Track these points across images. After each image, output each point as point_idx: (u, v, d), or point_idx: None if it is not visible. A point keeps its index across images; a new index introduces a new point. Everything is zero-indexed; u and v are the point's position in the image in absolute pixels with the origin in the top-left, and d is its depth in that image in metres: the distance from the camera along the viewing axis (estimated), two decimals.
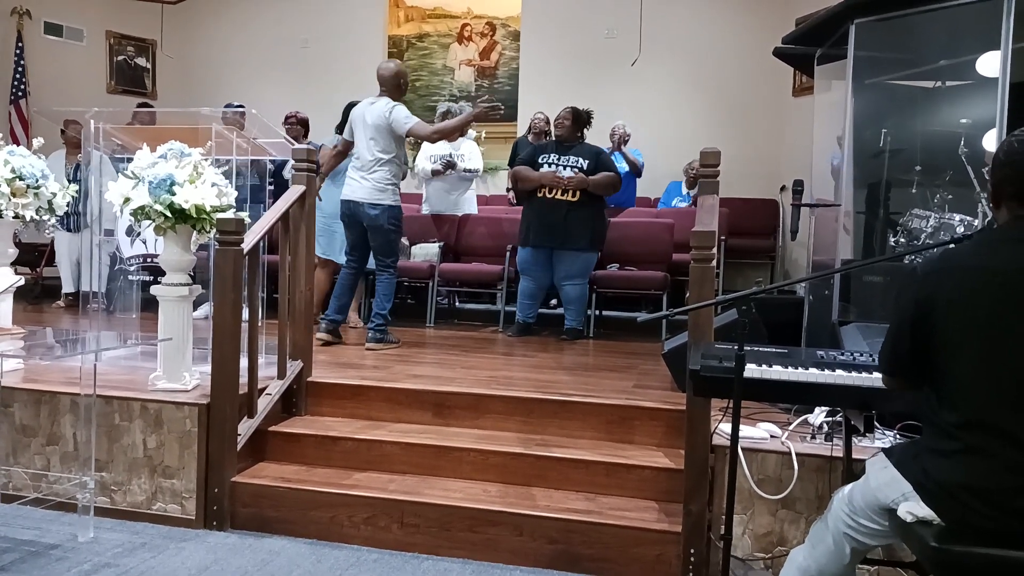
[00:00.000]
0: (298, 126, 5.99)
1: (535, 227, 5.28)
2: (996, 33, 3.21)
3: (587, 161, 5.23)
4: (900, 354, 1.87)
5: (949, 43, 3.79)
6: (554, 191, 5.21)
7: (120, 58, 9.25)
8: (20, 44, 8.22)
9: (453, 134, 5.40)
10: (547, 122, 6.85)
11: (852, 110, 3.76)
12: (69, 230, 6.27)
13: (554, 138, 5.62)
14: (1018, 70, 3.19)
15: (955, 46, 3.79)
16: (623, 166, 6.85)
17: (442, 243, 6.10)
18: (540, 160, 5.33)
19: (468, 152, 6.29)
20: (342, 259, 5.05)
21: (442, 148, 6.23)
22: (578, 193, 5.15)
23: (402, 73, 4.76)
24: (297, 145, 4.25)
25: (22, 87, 8.20)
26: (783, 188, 7.64)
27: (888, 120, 4.14)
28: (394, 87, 4.72)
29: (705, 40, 8.16)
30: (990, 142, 3.42)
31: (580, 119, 5.37)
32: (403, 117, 4.59)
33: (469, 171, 6.31)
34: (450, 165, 6.18)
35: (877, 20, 3.60)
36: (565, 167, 5.23)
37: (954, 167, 3.78)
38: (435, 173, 6.24)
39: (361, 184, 4.63)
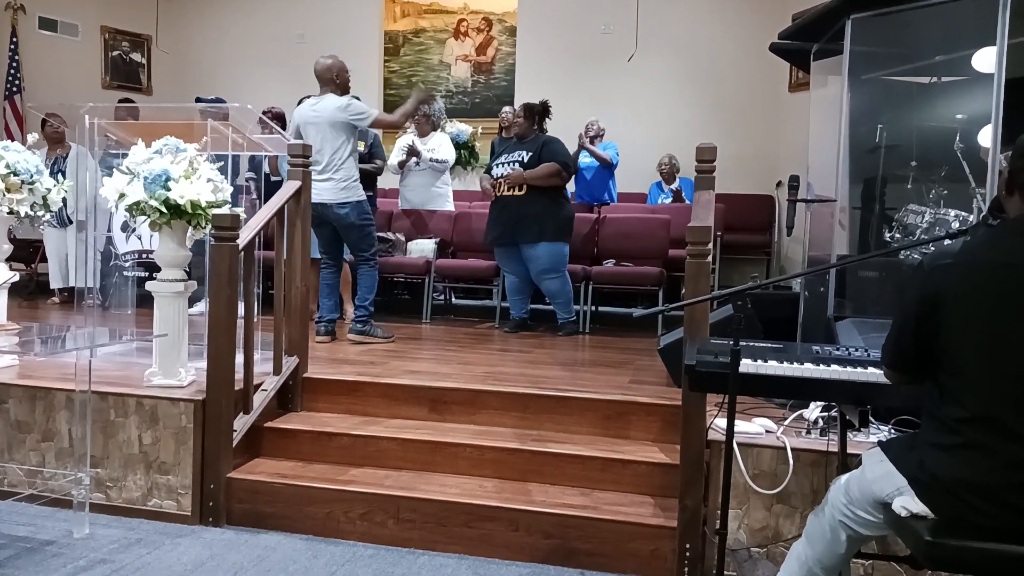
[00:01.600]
0: (274, 121, 5.97)
1: (491, 225, 5.36)
2: (992, 29, 3.22)
3: (530, 153, 5.19)
4: (904, 349, 1.86)
5: (945, 39, 3.79)
6: (501, 188, 5.25)
7: (115, 53, 9.22)
8: (15, 39, 8.19)
9: (413, 113, 5.25)
10: (515, 113, 6.85)
11: (848, 106, 3.76)
12: (54, 226, 6.22)
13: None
14: (1014, 66, 3.19)
15: (951, 42, 3.79)
16: (588, 161, 6.87)
17: (438, 239, 6.10)
18: (493, 163, 5.42)
19: (437, 144, 6.28)
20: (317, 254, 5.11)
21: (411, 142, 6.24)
22: (524, 188, 5.15)
23: (335, 67, 4.70)
24: (293, 140, 4.24)
25: (17, 82, 8.17)
26: (779, 184, 7.64)
27: (884, 116, 4.14)
28: (329, 81, 4.69)
29: (701, 36, 8.16)
30: (985, 138, 3.42)
31: (532, 112, 5.32)
32: (363, 110, 4.63)
33: (437, 161, 6.28)
34: (413, 153, 6.17)
35: (873, 16, 3.61)
36: (507, 164, 5.25)
37: (950, 163, 3.78)
38: (401, 165, 6.27)
39: (325, 187, 4.56)
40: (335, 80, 4.70)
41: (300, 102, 4.96)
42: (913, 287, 1.83)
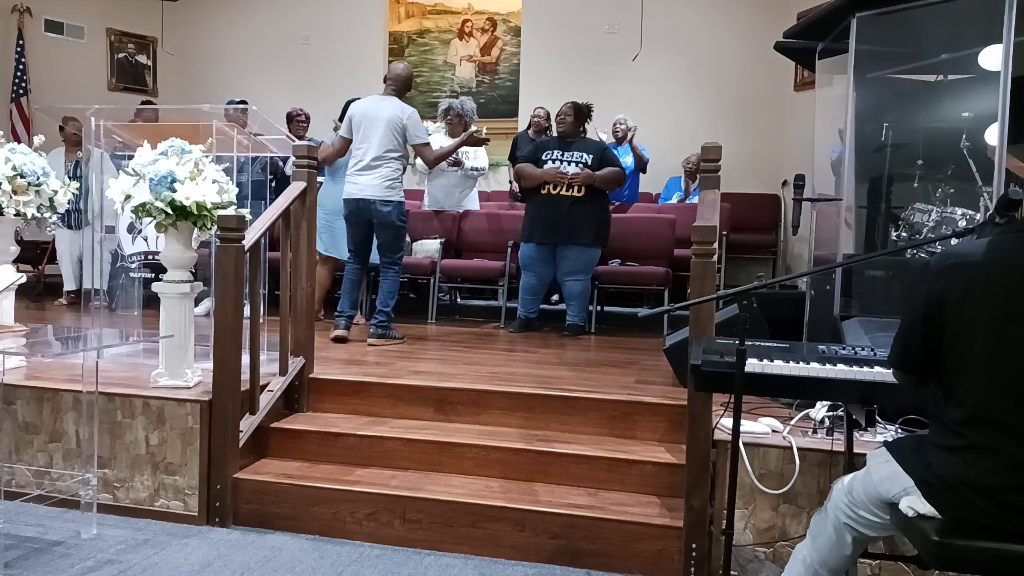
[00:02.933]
0: (306, 123, 6.05)
1: (539, 223, 5.28)
2: (998, 27, 3.20)
3: (591, 156, 5.23)
4: (910, 350, 1.86)
5: (951, 37, 3.77)
6: (558, 187, 5.21)
7: (121, 55, 9.25)
8: (21, 42, 8.22)
9: (448, 157, 5.45)
10: (547, 117, 6.84)
11: (854, 104, 3.75)
12: (70, 227, 6.28)
13: (556, 134, 5.61)
14: (1020, 64, 3.18)
15: (957, 40, 3.77)
16: (627, 161, 6.87)
17: (443, 239, 6.10)
18: (543, 157, 5.32)
19: (473, 150, 6.28)
20: (345, 254, 5.08)
21: (441, 142, 6.23)
22: (583, 188, 5.16)
23: (412, 75, 4.93)
24: (298, 141, 4.25)
25: (23, 84, 8.20)
26: (785, 183, 7.63)
27: (890, 114, 4.13)
28: (405, 87, 4.82)
29: (706, 35, 8.15)
30: (992, 136, 3.41)
31: (581, 113, 5.38)
32: (419, 130, 4.77)
33: (476, 169, 6.32)
34: (457, 163, 6.20)
35: (878, 14, 3.59)
36: (569, 163, 5.23)
37: (956, 161, 3.77)
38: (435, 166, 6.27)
39: (370, 182, 4.65)
40: (409, 86, 4.88)
41: (352, 101, 5.02)
42: (920, 287, 1.82)
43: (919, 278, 1.85)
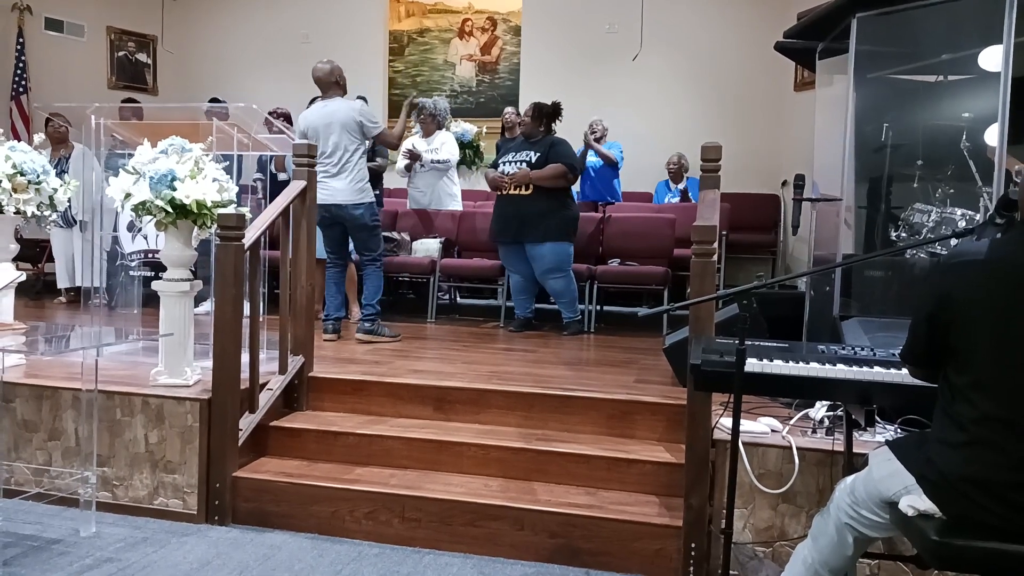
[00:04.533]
0: (280, 120, 5.99)
1: (496, 223, 5.37)
2: (998, 27, 3.20)
3: (538, 153, 5.19)
4: (917, 344, 1.87)
5: (951, 37, 3.77)
6: (507, 187, 5.24)
7: (121, 54, 9.25)
8: (21, 40, 8.21)
9: (404, 129, 5.33)
10: (517, 114, 6.89)
11: (854, 105, 3.75)
12: (61, 226, 6.25)
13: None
14: (1020, 64, 3.18)
15: (957, 40, 3.77)
16: (594, 160, 6.89)
17: (443, 239, 6.10)
18: (499, 160, 5.42)
19: (439, 143, 6.28)
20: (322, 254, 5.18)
21: (416, 143, 6.27)
22: (531, 187, 5.15)
23: (336, 71, 4.79)
24: (298, 140, 4.25)
25: (23, 83, 8.20)
26: (784, 183, 7.63)
27: (890, 114, 4.12)
28: (333, 84, 4.76)
29: (706, 35, 8.15)
30: (992, 136, 3.41)
31: (542, 112, 5.31)
32: (376, 119, 4.79)
33: (439, 162, 6.28)
34: (415, 157, 6.18)
35: (879, 14, 3.59)
36: (514, 163, 5.25)
37: (956, 161, 3.77)
38: (408, 168, 6.33)
39: (339, 186, 4.66)
40: (338, 83, 4.79)
41: (310, 103, 4.98)
42: (930, 284, 1.84)
43: (930, 274, 1.86)
